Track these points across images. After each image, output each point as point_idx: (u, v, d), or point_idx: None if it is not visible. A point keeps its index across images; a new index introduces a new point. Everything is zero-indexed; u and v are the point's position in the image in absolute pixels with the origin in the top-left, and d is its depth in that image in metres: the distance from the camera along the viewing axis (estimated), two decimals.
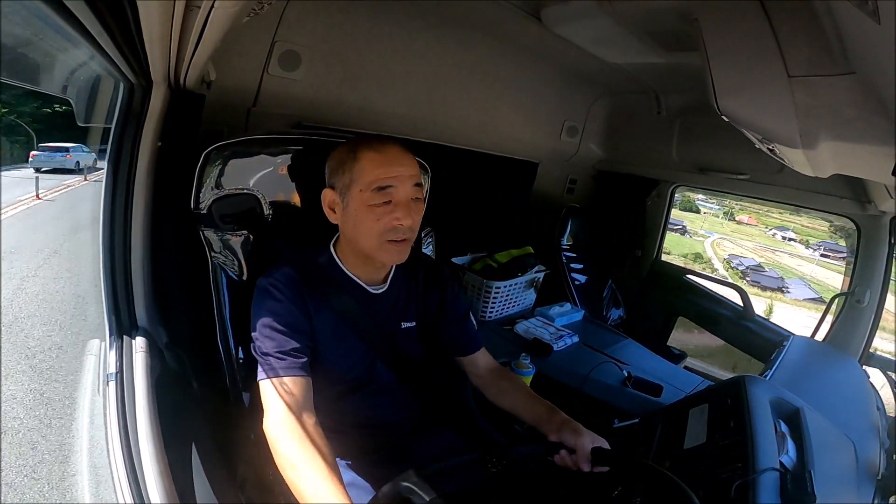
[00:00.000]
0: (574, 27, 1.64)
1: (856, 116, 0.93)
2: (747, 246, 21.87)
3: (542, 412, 1.15)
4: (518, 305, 2.38)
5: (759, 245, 22.14)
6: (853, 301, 2.30)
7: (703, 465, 1.02)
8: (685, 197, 20.58)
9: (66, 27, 0.80)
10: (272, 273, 1.08)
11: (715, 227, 22.84)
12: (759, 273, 18.48)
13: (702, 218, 22.94)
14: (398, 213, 1.04)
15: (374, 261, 1.12)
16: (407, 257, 1.12)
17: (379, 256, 1.09)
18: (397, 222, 1.04)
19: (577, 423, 1.09)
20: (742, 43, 0.98)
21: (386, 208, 1.04)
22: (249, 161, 1.23)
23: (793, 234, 21.59)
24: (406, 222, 1.05)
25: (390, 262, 1.13)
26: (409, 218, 1.05)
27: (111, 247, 1.18)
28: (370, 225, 1.05)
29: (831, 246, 19.18)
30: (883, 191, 1.89)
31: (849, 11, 0.67)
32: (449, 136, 2.26)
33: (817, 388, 1.60)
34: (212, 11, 0.73)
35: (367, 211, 1.04)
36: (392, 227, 1.05)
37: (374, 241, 1.06)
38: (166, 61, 0.98)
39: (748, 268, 18.89)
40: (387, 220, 1.04)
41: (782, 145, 1.23)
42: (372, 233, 1.05)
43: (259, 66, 1.49)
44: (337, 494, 0.83)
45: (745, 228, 23.06)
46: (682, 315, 2.95)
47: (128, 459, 0.84)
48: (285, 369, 0.99)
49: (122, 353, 1.08)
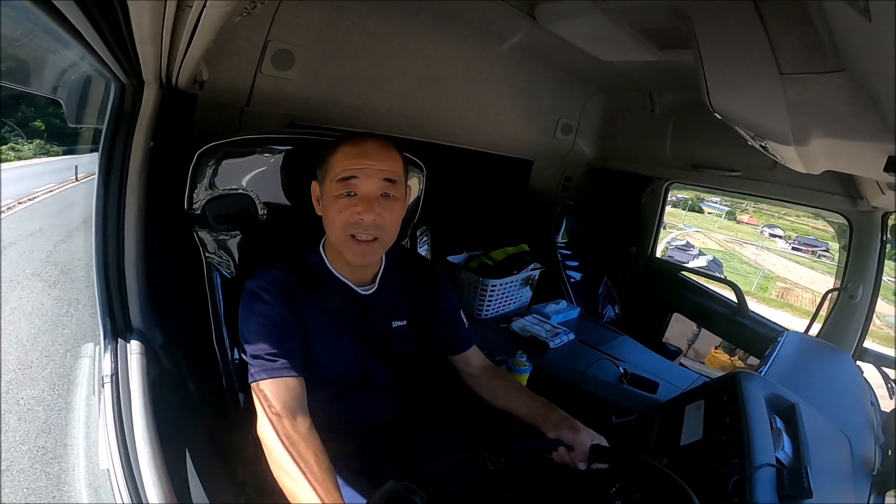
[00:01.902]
0: (568, 25, 1.64)
1: (847, 113, 0.94)
2: (718, 239, 22.62)
3: (539, 409, 1.15)
4: (514, 303, 2.38)
5: (738, 240, 22.80)
6: (846, 297, 2.31)
7: (700, 462, 1.02)
8: (695, 196, 21.14)
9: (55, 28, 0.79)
10: (261, 275, 1.08)
11: (705, 224, 23.27)
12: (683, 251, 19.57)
13: (702, 217, 23.44)
14: (360, 206, 1.02)
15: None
16: (374, 259, 1.12)
17: (345, 253, 1.08)
18: (357, 216, 1.02)
19: (575, 419, 1.09)
20: (734, 41, 0.99)
21: (349, 200, 1.03)
22: (243, 161, 1.22)
23: (780, 230, 22.20)
24: (366, 217, 1.02)
25: (353, 261, 1.09)
26: (370, 213, 1.02)
27: (104, 248, 1.17)
28: (333, 216, 1.04)
29: (805, 240, 21.10)
30: (874, 187, 1.91)
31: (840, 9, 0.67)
32: (443, 135, 2.26)
33: (812, 383, 1.60)
34: (204, 10, 0.72)
35: (333, 202, 1.04)
36: (353, 222, 1.03)
37: (339, 235, 1.05)
38: (158, 61, 0.97)
39: (677, 248, 20.01)
40: (348, 213, 1.03)
41: (774, 142, 1.24)
42: (336, 225, 1.05)
43: (252, 66, 1.48)
44: (331, 497, 0.83)
45: (743, 227, 23.62)
46: (678, 311, 2.97)
47: (125, 462, 0.84)
48: (276, 371, 0.98)
49: (118, 355, 1.07)
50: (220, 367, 1.18)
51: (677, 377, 1.86)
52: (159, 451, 0.87)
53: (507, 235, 2.55)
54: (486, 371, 1.30)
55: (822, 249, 20.87)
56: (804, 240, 21.63)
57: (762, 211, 23.13)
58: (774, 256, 21.35)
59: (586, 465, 1.03)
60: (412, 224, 1.53)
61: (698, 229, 22.93)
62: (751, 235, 23.47)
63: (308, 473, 0.86)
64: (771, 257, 21.31)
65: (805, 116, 1.03)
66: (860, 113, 0.90)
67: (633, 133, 2.72)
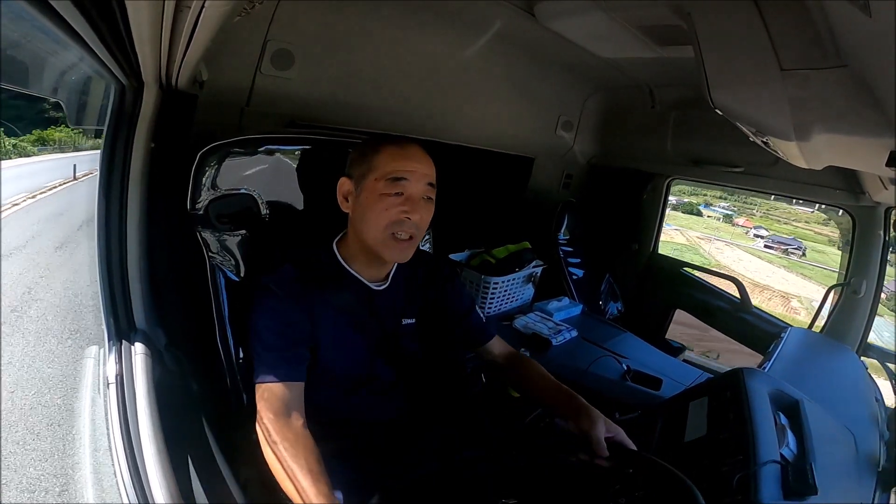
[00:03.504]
0: (568, 22, 1.64)
1: (848, 109, 0.94)
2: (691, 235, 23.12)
3: (561, 398, 1.17)
4: (516, 301, 2.37)
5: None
6: (850, 292, 2.31)
7: (703, 459, 1.02)
8: (703, 201, 21.28)
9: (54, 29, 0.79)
10: (270, 273, 1.09)
11: (691, 224, 23.47)
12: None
13: (700, 220, 23.62)
14: (407, 206, 1.06)
15: (378, 257, 1.12)
16: (410, 257, 1.13)
17: (382, 251, 1.09)
18: (405, 215, 1.06)
19: (594, 409, 1.10)
20: (735, 37, 0.98)
21: (396, 199, 1.06)
22: (245, 161, 1.23)
23: (764, 230, 23.06)
24: (414, 216, 1.06)
25: (392, 259, 1.13)
26: (417, 213, 1.06)
27: (107, 250, 1.18)
28: (378, 214, 1.06)
29: (778, 239, 21.77)
30: (877, 182, 1.90)
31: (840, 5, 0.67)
32: (444, 133, 2.25)
33: (816, 379, 1.60)
34: (202, 11, 0.72)
35: (377, 199, 1.06)
36: (399, 220, 1.06)
37: (380, 234, 1.07)
38: (157, 62, 0.97)
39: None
40: (395, 211, 1.05)
41: (776, 138, 1.23)
42: (379, 223, 1.06)
43: (252, 66, 1.48)
44: (323, 497, 0.85)
45: (738, 230, 23.95)
46: (680, 308, 2.96)
47: (131, 463, 0.84)
48: (281, 372, 1.01)
49: (122, 356, 1.07)
50: (224, 368, 1.18)
51: (681, 374, 1.86)
52: (165, 452, 0.87)
53: (508, 233, 2.55)
54: (509, 359, 1.32)
55: (794, 248, 21.32)
56: (777, 238, 22.17)
57: (769, 216, 23.34)
58: (744, 253, 21.46)
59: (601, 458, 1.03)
60: None
61: (694, 231, 23.05)
62: (741, 237, 23.62)
63: (300, 473, 0.88)
64: (744, 255, 21.40)
65: (806, 112, 1.03)
66: (861, 108, 0.90)
67: (633, 130, 2.71)
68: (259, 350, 1.03)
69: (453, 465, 1.12)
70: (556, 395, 1.18)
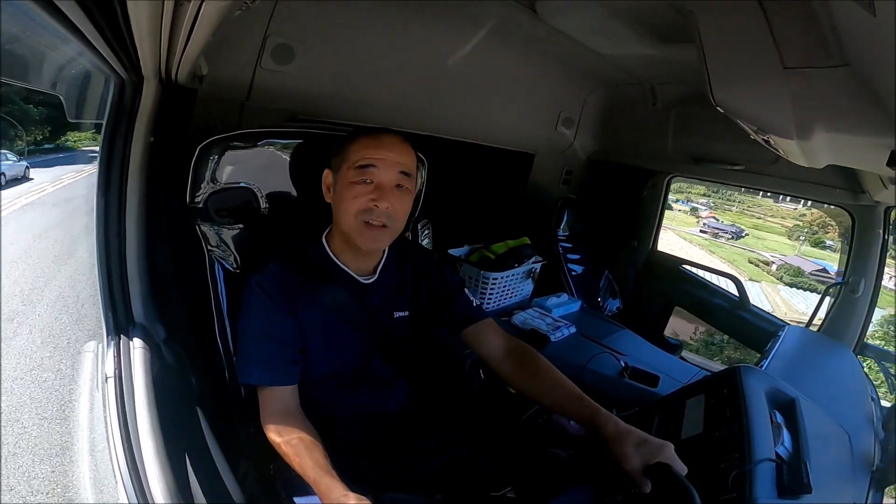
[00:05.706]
0: (569, 19, 1.63)
1: (850, 108, 0.93)
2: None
3: (567, 403, 1.08)
4: (515, 296, 2.38)
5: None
6: (847, 291, 2.31)
7: (699, 456, 1.02)
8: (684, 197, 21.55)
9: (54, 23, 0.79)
10: (261, 272, 1.09)
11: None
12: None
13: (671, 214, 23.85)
14: (375, 194, 1.05)
15: (357, 247, 1.11)
16: (384, 245, 1.14)
17: (357, 239, 1.09)
18: (373, 203, 1.05)
19: (606, 411, 1.02)
20: (737, 34, 0.98)
21: (365, 188, 1.06)
22: (244, 155, 1.23)
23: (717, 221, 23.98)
24: (382, 205, 1.05)
25: (365, 247, 1.11)
26: (384, 201, 1.05)
27: (106, 244, 1.18)
28: (348, 203, 1.06)
29: (714, 224, 23.14)
30: (877, 181, 1.90)
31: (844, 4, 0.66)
32: (444, 129, 2.25)
33: (812, 378, 1.61)
34: (202, 5, 0.72)
35: (348, 188, 1.06)
36: (367, 208, 1.05)
37: (352, 221, 1.07)
38: (157, 56, 0.97)
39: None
40: (363, 199, 1.05)
41: (777, 136, 1.23)
42: (349, 211, 1.06)
43: (252, 60, 1.48)
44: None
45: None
46: (679, 305, 2.97)
47: (129, 457, 0.84)
48: (266, 373, 1.03)
49: (120, 349, 1.07)
50: (223, 361, 1.19)
51: (678, 371, 1.87)
52: (163, 448, 0.87)
53: (508, 228, 2.55)
54: (507, 352, 1.22)
55: (729, 233, 22.13)
56: (713, 224, 23.03)
57: (746, 213, 23.61)
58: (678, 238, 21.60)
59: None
60: (413, 217, 1.53)
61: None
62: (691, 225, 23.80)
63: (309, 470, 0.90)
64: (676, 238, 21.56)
65: (808, 111, 1.02)
66: (863, 108, 0.90)
67: (634, 127, 2.71)
68: (246, 354, 1.06)
69: (453, 465, 1.12)
70: (561, 399, 1.09)
